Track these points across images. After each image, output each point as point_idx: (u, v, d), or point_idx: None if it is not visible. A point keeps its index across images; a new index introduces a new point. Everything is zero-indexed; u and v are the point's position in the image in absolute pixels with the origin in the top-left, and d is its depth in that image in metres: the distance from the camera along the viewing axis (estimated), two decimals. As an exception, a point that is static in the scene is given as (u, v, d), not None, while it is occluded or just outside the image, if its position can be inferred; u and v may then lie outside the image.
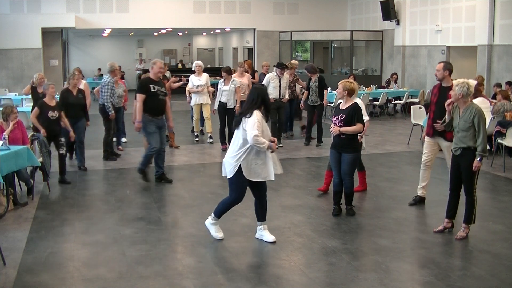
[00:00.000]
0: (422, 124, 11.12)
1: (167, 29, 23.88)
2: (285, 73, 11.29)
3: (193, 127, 12.51)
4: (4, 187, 6.90)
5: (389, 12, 18.16)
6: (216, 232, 5.89)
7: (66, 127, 8.54)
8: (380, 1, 18.38)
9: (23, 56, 18.78)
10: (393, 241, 5.87)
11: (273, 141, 5.59)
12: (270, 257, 5.42)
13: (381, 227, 6.31)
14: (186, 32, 28.71)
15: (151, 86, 8.03)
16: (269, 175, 5.63)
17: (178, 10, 20.40)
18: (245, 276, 4.98)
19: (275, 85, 11.07)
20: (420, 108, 12.03)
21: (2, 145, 6.84)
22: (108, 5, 19.64)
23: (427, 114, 11.00)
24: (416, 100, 15.97)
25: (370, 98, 15.90)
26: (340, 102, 6.71)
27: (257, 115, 5.49)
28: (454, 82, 5.93)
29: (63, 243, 5.85)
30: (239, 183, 5.61)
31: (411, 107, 12.25)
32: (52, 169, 8.32)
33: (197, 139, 11.96)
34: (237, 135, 5.62)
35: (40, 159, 7.65)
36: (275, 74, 11.15)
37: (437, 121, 6.71)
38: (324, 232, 6.16)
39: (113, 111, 9.90)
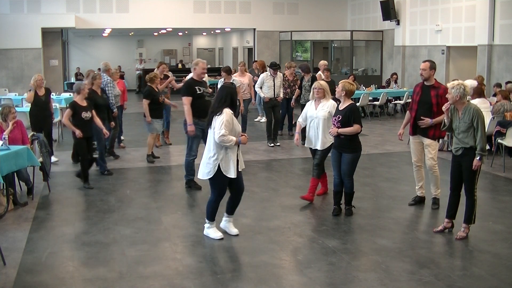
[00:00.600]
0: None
1: (167, 29, 23.88)
2: (278, 72, 11.48)
3: None
4: (4, 187, 6.90)
5: (389, 12, 18.16)
6: (215, 233, 5.91)
7: (99, 126, 8.33)
8: (380, 1, 18.38)
9: (23, 56, 18.78)
10: (393, 241, 5.87)
11: (242, 135, 5.74)
12: (270, 257, 5.42)
13: (381, 227, 6.31)
14: (186, 32, 28.70)
15: (196, 87, 7.69)
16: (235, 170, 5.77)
17: (178, 10, 20.40)
18: (245, 276, 4.98)
19: (269, 85, 11.27)
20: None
21: (2, 145, 6.84)
22: (108, 5, 19.63)
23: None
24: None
25: (370, 98, 15.91)
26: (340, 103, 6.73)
27: (226, 113, 5.60)
28: (449, 84, 5.90)
29: (63, 243, 5.85)
30: (220, 182, 5.77)
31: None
32: (53, 169, 8.32)
33: None
34: (210, 134, 5.73)
35: (40, 159, 7.65)
36: (269, 74, 11.38)
37: (422, 117, 6.74)
38: (324, 232, 6.16)
39: (116, 109, 10.08)
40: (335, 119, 6.55)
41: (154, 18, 20.34)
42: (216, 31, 26.60)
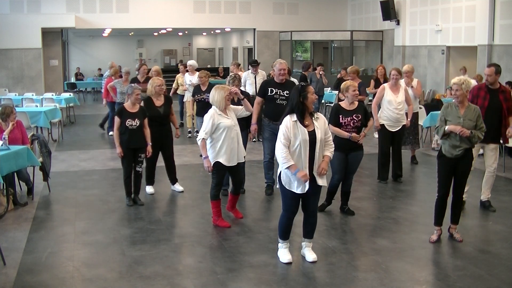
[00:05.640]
0: (421, 124, 11.10)
1: (167, 29, 23.89)
2: (259, 70, 11.56)
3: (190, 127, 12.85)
4: (4, 187, 6.90)
5: (389, 12, 18.16)
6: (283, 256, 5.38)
7: (146, 139, 7.16)
8: (380, 1, 18.38)
9: (23, 56, 18.79)
10: (393, 241, 5.87)
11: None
12: (270, 257, 5.42)
13: (381, 227, 6.31)
14: (186, 32, 28.72)
15: (269, 89, 7.26)
16: None
17: (178, 10, 20.42)
18: (245, 276, 4.98)
19: (251, 82, 11.40)
20: (420, 108, 12.01)
21: (2, 145, 6.84)
22: (108, 5, 19.64)
23: (427, 115, 11.01)
24: (416, 100, 15.96)
25: (370, 98, 15.88)
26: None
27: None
28: (455, 80, 5.68)
29: (63, 243, 5.85)
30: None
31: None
32: (53, 169, 8.32)
33: (189, 135, 12.57)
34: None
35: (40, 159, 7.65)
36: (250, 72, 11.51)
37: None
38: (324, 232, 6.16)
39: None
40: (355, 119, 6.49)
41: (154, 18, 20.35)
42: (216, 31, 26.61)
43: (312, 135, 4.98)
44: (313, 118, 5.07)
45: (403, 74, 10.06)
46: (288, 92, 7.18)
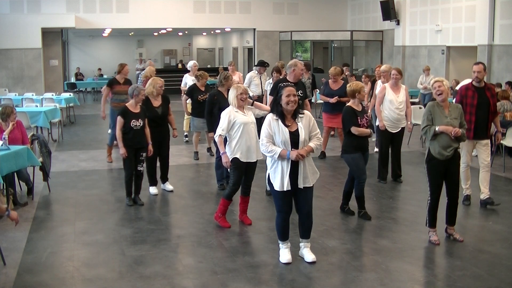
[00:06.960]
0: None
1: (167, 29, 23.89)
2: (264, 71, 11.63)
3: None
4: (4, 187, 6.90)
5: (389, 12, 18.16)
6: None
7: (147, 139, 7.20)
8: (380, 1, 18.38)
9: (23, 56, 18.79)
10: (393, 241, 5.87)
11: None
12: (270, 257, 5.42)
13: (381, 227, 6.31)
14: (186, 32, 28.72)
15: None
16: None
17: (178, 10, 20.42)
18: (245, 276, 4.98)
19: (256, 83, 11.46)
20: (420, 108, 12.02)
21: (2, 145, 6.84)
22: (108, 5, 19.64)
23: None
24: (416, 100, 15.96)
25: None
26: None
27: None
28: (436, 78, 5.85)
29: (63, 243, 5.85)
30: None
31: (411, 107, 12.20)
32: (53, 169, 8.32)
33: (186, 139, 11.93)
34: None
35: (40, 159, 7.65)
36: (256, 72, 11.55)
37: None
38: (324, 232, 6.16)
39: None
40: (367, 118, 6.61)
41: (154, 18, 20.36)
42: (216, 31, 26.61)
43: (294, 135, 4.96)
44: (296, 119, 5.03)
45: (381, 74, 9.69)
46: (301, 92, 7.59)
